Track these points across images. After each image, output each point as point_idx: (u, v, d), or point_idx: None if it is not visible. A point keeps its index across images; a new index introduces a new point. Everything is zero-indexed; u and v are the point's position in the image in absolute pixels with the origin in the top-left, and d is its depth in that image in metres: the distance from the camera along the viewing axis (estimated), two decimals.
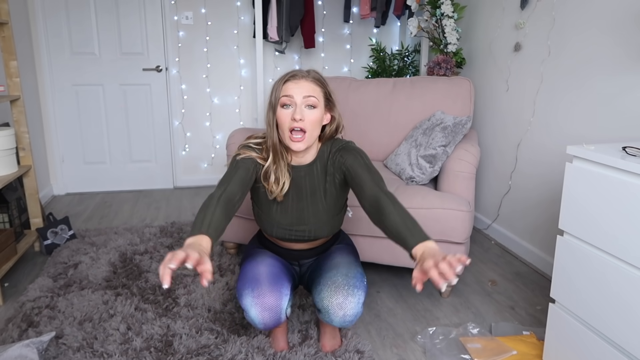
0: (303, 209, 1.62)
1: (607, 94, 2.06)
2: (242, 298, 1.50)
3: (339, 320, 1.50)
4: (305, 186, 1.61)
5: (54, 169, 3.78)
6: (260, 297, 1.47)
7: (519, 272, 2.49)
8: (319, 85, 1.51)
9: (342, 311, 1.48)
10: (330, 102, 1.56)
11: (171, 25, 3.76)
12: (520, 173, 2.68)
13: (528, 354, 1.75)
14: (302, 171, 1.60)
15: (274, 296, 1.48)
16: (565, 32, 2.30)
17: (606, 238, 1.36)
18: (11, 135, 2.35)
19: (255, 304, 1.47)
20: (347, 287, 1.49)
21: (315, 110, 1.49)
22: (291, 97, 1.47)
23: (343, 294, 1.48)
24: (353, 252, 1.74)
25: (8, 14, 2.37)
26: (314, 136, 1.53)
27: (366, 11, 3.70)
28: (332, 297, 1.49)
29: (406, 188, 2.16)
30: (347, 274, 1.54)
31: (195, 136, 4.00)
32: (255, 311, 1.47)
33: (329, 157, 1.61)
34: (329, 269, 1.58)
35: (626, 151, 1.39)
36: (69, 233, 2.74)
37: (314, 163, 1.61)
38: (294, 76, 1.51)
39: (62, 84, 3.67)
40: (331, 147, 1.62)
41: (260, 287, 1.49)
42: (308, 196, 1.61)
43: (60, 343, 1.76)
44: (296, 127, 1.47)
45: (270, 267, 1.58)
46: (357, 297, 1.49)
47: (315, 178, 1.61)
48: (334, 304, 1.48)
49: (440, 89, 2.59)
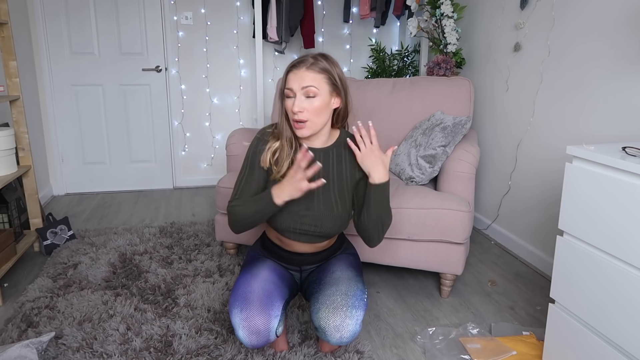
0: (313, 194, 1.60)
1: (607, 94, 2.06)
2: (232, 315, 1.47)
3: (336, 341, 1.48)
4: (319, 171, 1.59)
5: (54, 169, 3.78)
6: (249, 320, 1.43)
7: (519, 272, 2.49)
8: (321, 73, 1.50)
9: (339, 333, 1.45)
10: (337, 87, 1.55)
11: (171, 26, 3.76)
12: (520, 173, 2.69)
13: (528, 354, 1.75)
14: (317, 154, 1.61)
15: (262, 319, 1.44)
16: (565, 32, 2.30)
17: (606, 238, 1.36)
18: (11, 135, 2.35)
19: (243, 327, 1.43)
20: (345, 308, 1.47)
21: (315, 99, 1.50)
22: (291, 88, 1.50)
23: (341, 315, 1.45)
24: (356, 264, 1.72)
25: (8, 14, 2.37)
26: (318, 123, 1.54)
27: (366, 11, 3.70)
28: (329, 319, 1.46)
29: (406, 188, 2.16)
30: (346, 292, 1.51)
31: (194, 136, 4.00)
32: (243, 333, 1.44)
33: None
34: (329, 285, 1.55)
35: (626, 151, 1.39)
36: (68, 233, 2.73)
37: (330, 149, 1.63)
38: (295, 66, 1.52)
39: (62, 84, 3.67)
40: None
41: (249, 309, 1.45)
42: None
43: (60, 343, 1.76)
44: (296, 118, 1.50)
45: (264, 284, 1.53)
46: (355, 318, 1.47)
47: (331, 164, 1.62)
48: (331, 326, 1.45)
49: (440, 89, 2.58)
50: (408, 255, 2.10)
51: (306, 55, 1.54)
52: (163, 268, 2.38)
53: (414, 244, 2.08)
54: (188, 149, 4.01)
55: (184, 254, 2.55)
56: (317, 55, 1.54)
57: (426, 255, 2.08)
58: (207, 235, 2.84)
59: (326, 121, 1.58)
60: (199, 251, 2.60)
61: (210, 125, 4.01)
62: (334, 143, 1.64)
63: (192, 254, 2.55)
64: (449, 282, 2.16)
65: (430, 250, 2.07)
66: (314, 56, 1.53)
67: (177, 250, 2.61)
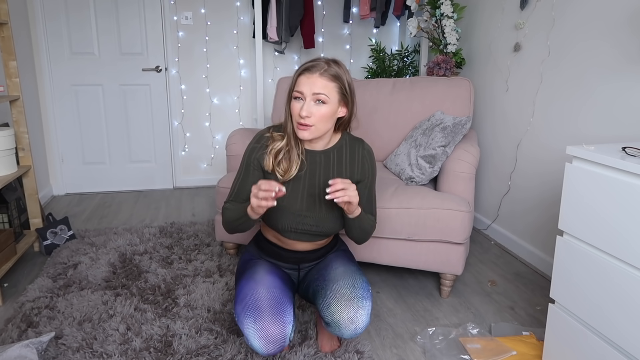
0: (314, 195, 1.60)
1: (607, 94, 2.06)
2: (243, 326, 1.44)
3: (350, 334, 1.47)
4: (319, 172, 1.61)
5: (54, 169, 3.78)
6: (264, 330, 1.41)
7: (519, 272, 2.49)
8: (333, 81, 1.50)
9: (354, 325, 1.46)
10: (345, 97, 1.55)
11: (171, 26, 3.76)
12: (520, 173, 2.69)
13: (528, 354, 1.75)
14: (317, 156, 1.61)
15: (277, 327, 1.42)
16: (565, 32, 2.30)
17: (606, 238, 1.36)
18: (11, 135, 2.35)
19: (259, 337, 1.40)
20: (356, 299, 1.48)
21: (325, 106, 1.49)
22: (301, 92, 1.49)
23: (354, 307, 1.46)
24: (353, 259, 1.73)
25: (7, 14, 2.37)
26: (322, 129, 1.53)
27: (366, 11, 3.70)
28: (342, 312, 1.46)
29: (406, 188, 2.16)
30: (353, 284, 1.52)
31: (194, 136, 4.00)
32: (259, 343, 1.41)
33: (356, 153, 1.64)
34: (334, 280, 1.55)
35: (626, 151, 1.39)
36: (68, 233, 2.73)
37: (330, 151, 1.63)
38: (308, 70, 1.50)
39: (62, 84, 3.67)
40: (357, 145, 1.65)
41: (262, 318, 1.42)
42: (321, 183, 1.61)
43: (60, 343, 1.76)
44: (302, 122, 1.49)
45: (271, 290, 1.51)
46: (367, 308, 1.48)
47: (331, 166, 1.62)
48: (345, 319, 1.46)
49: (440, 89, 2.58)
50: (408, 255, 2.10)
51: (319, 59, 1.52)
52: (163, 268, 2.38)
53: (414, 244, 2.08)
54: (188, 149, 4.01)
55: (184, 254, 2.55)
56: (329, 61, 1.52)
57: (426, 255, 2.08)
58: (207, 235, 2.84)
59: (330, 128, 1.58)
60: (199, 251, 2.60)
61: (210, 125, 4.01)
62: (335, 145, 1.65)
63: (192, 254, 2.55)
64: (448, 282, 2.16)
65: (430, 250, 2.07)
66: (327, 61, 1.52)
67: (177, 250, 2.61)
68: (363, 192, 1.64)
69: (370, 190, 1.68)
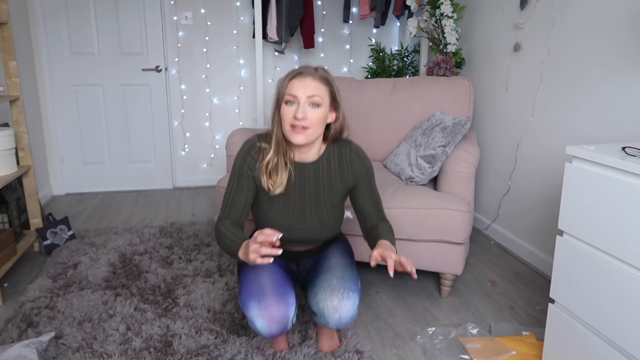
0: (305, 208, 1.62)
1: (607, 94, 2.06)
2: (248, 309, 1.48)
3: (335, 323, 1.51)
4: (310, 185, 1.61)
5: (54, 169, 3.78)
6: (268, 309, 1.46)
7: (519, 272, 2.49)
8: (324, 84, 1.51)
9: (338, 314, 1.49)
10: (335, 101, 1.55)
11: (171, 26, 3.76)
12: (519, 173, 2.69)
13: (527, 354, 1.75)
14: (307, 169, 1.61)
15: (281, 307, 1.47)
16: (565, 32, 2.30)
17: (606, 238, 1.36)
18: (10, 135, 2.35)
19: (263, 316, 1.46)
20: (342, 289, 1.51)
21: (319, 109, 1.49)
22: (295, 95, 1.48)
23: (338, 297, 1.49)
24: (349, 252, 1.74)
25: (7, 14, 2.37)
26: (316, 134, 1.53)
27: (366, 11, 3.70)
28: (327, 300, 1.49)
29: (406, 188, 2.16)
30: (342, 276, 1.55)
31: (194, 136, 4.00)
32: (263, 323, 1.46)
33: (343, 158, 1.62)
34: (324, 271, 1.58)
35: (626, 151, 1.39)
36: (68, 233, 2.73)
37: (319, 161, 1.61)
38: (300, 74, 1.50)
39: (62, 84, 3.67)
40: (343, 148, 1.63)
41: (266, 299, 1.47)
42: (312, 195, 1.61)
43: (60, 343, 1.76)
44: (297, 124, 1.47)
45: (274, 275, 1.56)
46: (352, 299, 1.50)
47: (321, 178, 1.62)
48: (329, 307, 1.49)
49: (440, 89, 2.59)
50: (408, 255, 2.10)
51: (307, 66, 1.54)
52: (163, 268, 2.38)
53: (414, 244, 2.08)
54: (188, 149, 4.01)
55: (184, 254, 2.55)
56: (317, 67, 1.54)
57: (426, 255, 2.08)
58: (207, 235, 2.84)
59: (321, 134, 1.57)
60: (198, 251, 2.60)
61: (210, 126, 4.01)
62: (323, 154, 1.62)
63: (192, 254, 2.55)
64: (448, 282, 2.16)
65: (430, 250, 2.07)
66: (315, 67, 1.54)
67: (177, 250, 2.61)
68: (364, 196, 1.64)
69: (371, 190, 1.66)
